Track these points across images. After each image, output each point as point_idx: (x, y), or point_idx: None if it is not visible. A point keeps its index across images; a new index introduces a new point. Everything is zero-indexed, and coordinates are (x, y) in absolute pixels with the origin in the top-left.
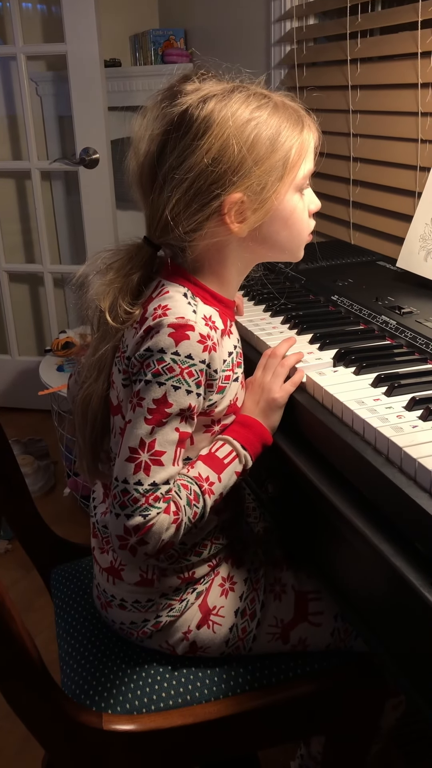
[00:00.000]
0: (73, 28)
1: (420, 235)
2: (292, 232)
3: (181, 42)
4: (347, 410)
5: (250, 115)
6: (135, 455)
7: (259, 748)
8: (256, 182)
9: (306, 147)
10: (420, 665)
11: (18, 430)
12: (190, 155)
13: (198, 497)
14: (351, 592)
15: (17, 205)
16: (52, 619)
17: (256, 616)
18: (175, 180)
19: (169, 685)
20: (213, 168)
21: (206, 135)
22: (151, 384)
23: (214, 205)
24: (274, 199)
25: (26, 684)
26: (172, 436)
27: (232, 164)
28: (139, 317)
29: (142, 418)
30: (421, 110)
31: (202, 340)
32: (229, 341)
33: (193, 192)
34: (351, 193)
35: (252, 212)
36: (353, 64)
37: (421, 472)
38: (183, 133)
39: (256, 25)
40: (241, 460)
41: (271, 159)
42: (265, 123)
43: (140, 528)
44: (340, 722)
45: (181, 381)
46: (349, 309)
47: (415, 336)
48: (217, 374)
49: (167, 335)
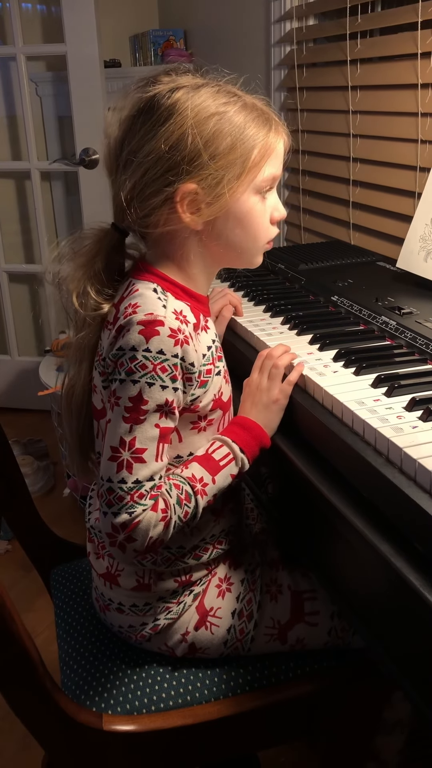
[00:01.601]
0: (73, 29)
1: (420, 235)
2: (247, 233)
3: (181, 42)
4: (347, 411)
5: (215, 110)
6: (117, 454)
7: (259, 748)
8: (212, 176)
9: (270, 150)
10: (419, 665)
11: (18, 430)
12: (149, 140)
13: (190, 497)
14: (350, 592)
15: (17, 205)
16: (52, 620)
17: (253, 617)
18: (134, 164)
19: (169, 686)
20: (169, 155)
21: (167, 122)
22: (125, 383)
23: (167, 192)
24: (228, 195)
25: (26, 685)
26: (152, 432)
27: (188, 154)
28: (113, 318)
29: (120, 416)
30: (421, 111)
31: (173, 334)
32: (207, 336)
33: (149, 177)
34: (351, 194)
35: (206, 205)
36: (353, 65)
37: (421, 472)
38: (146, 118)
39: (256, 25)
40: (238, 462)
41: (230, 156)
42: (228, 120)
43: (127, 525)
44: (340, 721)
45: (154, 377)
46: (349, 309)
47: (415, 336)
48: (195, 367)
49: (137, 332)
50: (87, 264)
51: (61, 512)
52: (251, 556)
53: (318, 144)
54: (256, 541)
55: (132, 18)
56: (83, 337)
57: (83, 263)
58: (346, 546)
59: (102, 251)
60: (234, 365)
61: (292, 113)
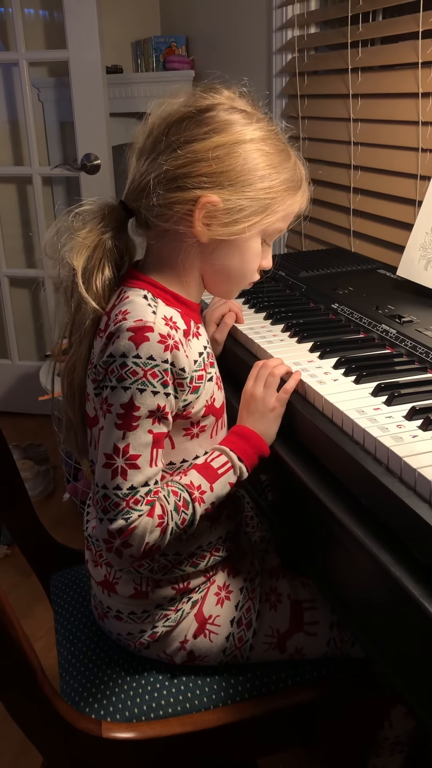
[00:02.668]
0: (75, 35)
1: (420, 244)
2: (240, 266)
3: (183, 49)
4: (347, 419)
5: (268, 151)
6: (111, 461)
7: (258, 756)
8: (238, 200)
9: (291, 210)
10: (419, 674)
11: (18, 434)
12: (200, 141)
13: (188, 504)
14: (350, 600)
15: (18, 210)
16: (52, 625)
17: (252, 625)
18: (176, 154)
19: (168, 693)
20: (211, 163)
21: (222, 133)
22: (116, 389)
23: (192, 194)
24: (244, 226)
25: (25, 691)
26: (145, 438)
27: (229, 171)
28: (104, 325)
29: (113, 424)
30: (422, 119)
31: (163, 340)
32: (198, 342)
33: (185, 171)
34: (351, 201)
35: (220, 225)
36: (354, 73)
37: (421, 481)
38: (203, 120)
39: (258, 33)
40: (236, 471)
41: (262, 195)
42: (275, 166)
43: (123, 531)
44: (339, 730)
45: (145, 383)
46: (349, 317)
47: (415, 345)
48: (186, 373)
49: (127, 339)
50: (90, 236)
51: (61, 517)
52: (250, 565)
53: (319, 151)
54: (256, 549)
55: (134, 24)
56: (79, 317)
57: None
58: (345, 554)
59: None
60: (235, 372)
61: (293, 121)
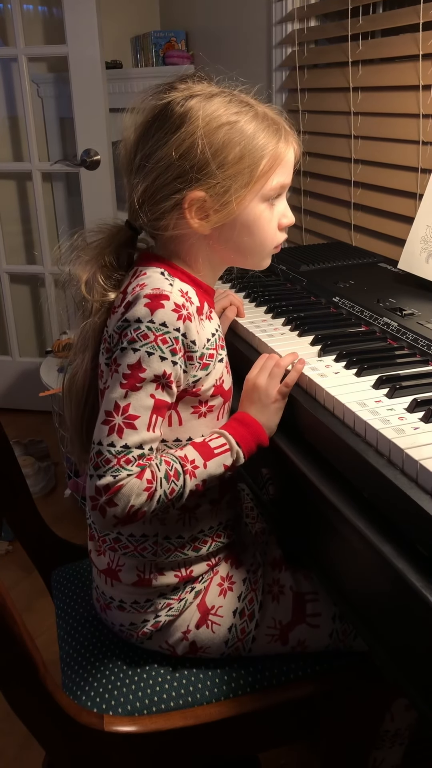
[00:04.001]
0: (75, 30)
1: (421, 237)
2: (254, 239)
3: (183, 44)
4: (349, 412)
5: (226, 119)
6: (110, 418)
7: (259, 750)
8: (220, 185)
9: (279, 159)
10: (421, 667)
11: (19, 431)
12: (162, 147)
13: (178, 475)
14: (351, 592)
15: (18, 206)
16: (53, 620)
17: (255, 616)
18: (146, 168)
19: (170, 687)
20: (179, 163)
21: (179, 130)
22: (126, 350)
23: (176, 198)
24: (235, 203)
25: (27, 686)
26: (147, 401)
27: (197, 163)
28: (120, 301)
29: (117, 382)
30: (423, 112)
31: (177, 309)
32: (210, 324)
33: (159, 182)
34: (352, 195)
35: (214, 212)
36: (354, 66)
37: (423, 473)
38: (160, 125)
39: (258, 26)
40: (233, 454)
41: (239, 165)
42: (239, 130)
43: (110, 487)
44: (341, 724)
45: (155, 347)
46: (350, 311)
47: (417, 338)
48: (196, 347)
49: (143, 305)
50: (98, 255)
51: (62, 513)
52: (253, 556)
53: (319, 145)
54: (257, 541)
55: (133, 19)
56: (88, 324)
57: (95, 255)
58: (347, 547)
59: (113, 245)
60: (235, 366)
61: (293, 114)
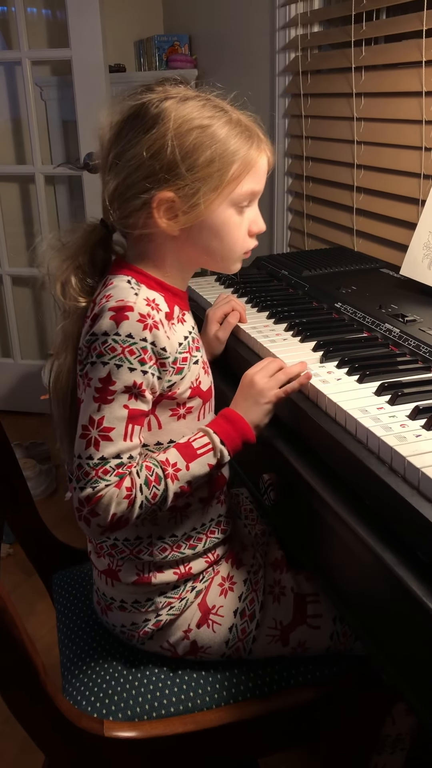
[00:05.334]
0: (78, 34)
1: (424, 243)
2: (222, 243)
3: (186, 48)
4: (351, 418)
5: (199, 123)
6: (86, 432)
7: (260, 755)
8: (189, 186)
9: (250, 166)
10: (420, 673)
11: (20, 433)
12: (134, 146)
13: (159, 479)
14: (351, 598)
15: (21, 208)
16: (53, 624)
17: (256, 617)
18: (117, 166)
19: (171, 692)
20: (149, 163)
21: (151, 130)
22: (96, 364)
23: (144, 198)
24: (204, 206)
25: (27, 690)
26: (120, 412)
27: (167, 164)
28: (90, 311)
29: (90, 396)
30: (425, 118)
31: (142, 320)
32: (183, 327)
33: (129, 181)
34: (354, 200)
35: (182, 213)
36: (357, 72)
37: (425, 481)
38: (134, 124)
39: (261, 31)
40: (216, 453)
41: (208, 168)
42: (210, 133)
43: (90, 499)
44: (341, 728)
45: (122, 359)
46: (352, 317)
47: (419, 344)
48: (168, 353)
49: (108, 318)
50: (72, 256)
51: (63, 516)
52: (253, 557)
53: (322, 150)
54: (257, 542)
55: (137, 23)
56: (67, 324)
57: (69, 255)
58: (348, 553)
59: (87, 245)
60: (235, 370)
61: (296, 119)
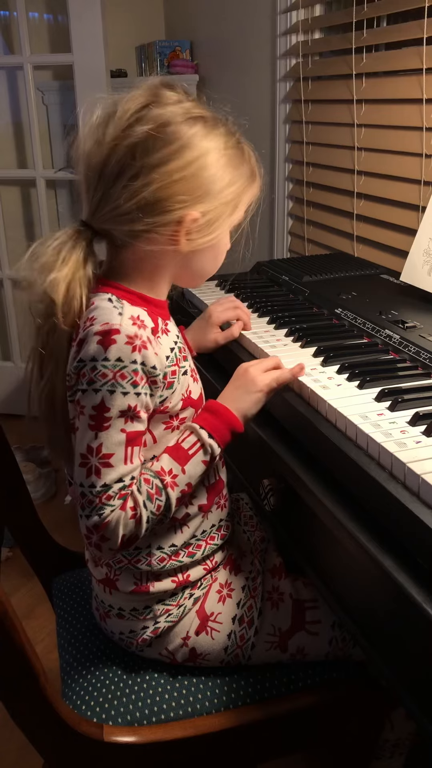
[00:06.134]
0: (80, 39)
1: (424, 249)
2: (214, 264)
3: (187, 53)
4: (351, 425)
5: (224, 153)
6: (85, 460)
7: (259, 761)
8: (214, 210)
9: (252, 198)
10: (420, 679)
11: (20, 437)
12: (173, 160)
13: (160, 491)
14: (351, 604)
15: (22, 212)
16: (53, 627)
17: (254, 623)
18: (150, 177)
19: (170, 697)
20: (188, 181)
21: (189, 148)
22: (87, 392)
23: (176, 215)
24: (221, 231)
25: (27, 694)
26: (118, 437)
27: (203, 184)
28: (75, 335)
29: (86, 425)
30: (426, 125)
31: (130, 341)
32: (168, 338)
33: (164, 195)
34: (355, 206)
35: (200, 235)
36: (358, 79)
37: (425, 487)
38: (167, 138)
39: (262, 38)
40: (206, 449)
41: (229, 197)
42: (234, 163)
43: (98, 526)
44: (341, 734)
45: (115, 385)
46: (352, 322)
47: (419, 350)
48: (158, 370)
49: (95, 343)
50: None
51: (63, 519)
52: (251, 564)
53: (322, 156)
54: (256, 548)
55: (138, 28)
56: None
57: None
58: (347, 559)
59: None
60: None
61: (297, 125)
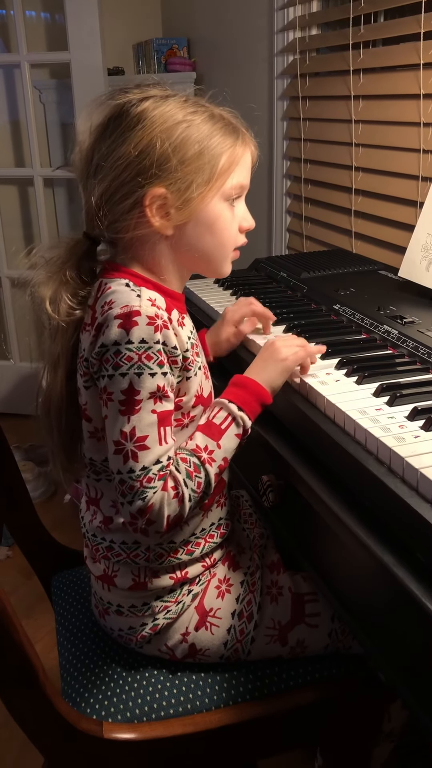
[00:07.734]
0: (77, 37)
1: (422, 245)
2: (215, 239)
3: (184, 51)
4: (349, 420)
5: (183, 118)
6: (120, 447)
7: (260, 757)
8: (181, 180)
9: (237, 159)
10: (419, 673)
11: (19, 436)
12: (120, 145)
13: (198, 468)
14: (350, 600)
15: (20, 211)
16: (53, 626)
17: (254, 617)
18: (104, 168)
19: (170, 693)
20: (139, 160)
21: (136, 127)
22: (114, 377)
23: (136, 195)
24: (198, 200)
25: (27, 692)
26: (150, 418)
27: (158, 158)
28: (90, 319)
29: (116, 411)
30: (423, 120)
31: (151, 321)
32: (183, 331)
33: (119, 181)
34: (353, 203)
35: (175, 210)
36: (356, 75)
37: (423, 482)
38: (117, 124)
39: (259, 34)
40: (238, 422)
41: (199, 161)
42: (196, 127)
43: (143, 510)
44: (341, 730)
45: (142, 367)
46: (351, 318)
47: (417, 346)
48: (178, 351)
49: (116, 327)
50: (58, 271)
51: (62, 518)
52: (250, 559)
53: (320, 153)
54: (255, 545)
55: (136, 26)
56: (57, 343)
57: (55, 271)
58: (347, 555)
59: (72, 259)
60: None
61: (294, 122)
